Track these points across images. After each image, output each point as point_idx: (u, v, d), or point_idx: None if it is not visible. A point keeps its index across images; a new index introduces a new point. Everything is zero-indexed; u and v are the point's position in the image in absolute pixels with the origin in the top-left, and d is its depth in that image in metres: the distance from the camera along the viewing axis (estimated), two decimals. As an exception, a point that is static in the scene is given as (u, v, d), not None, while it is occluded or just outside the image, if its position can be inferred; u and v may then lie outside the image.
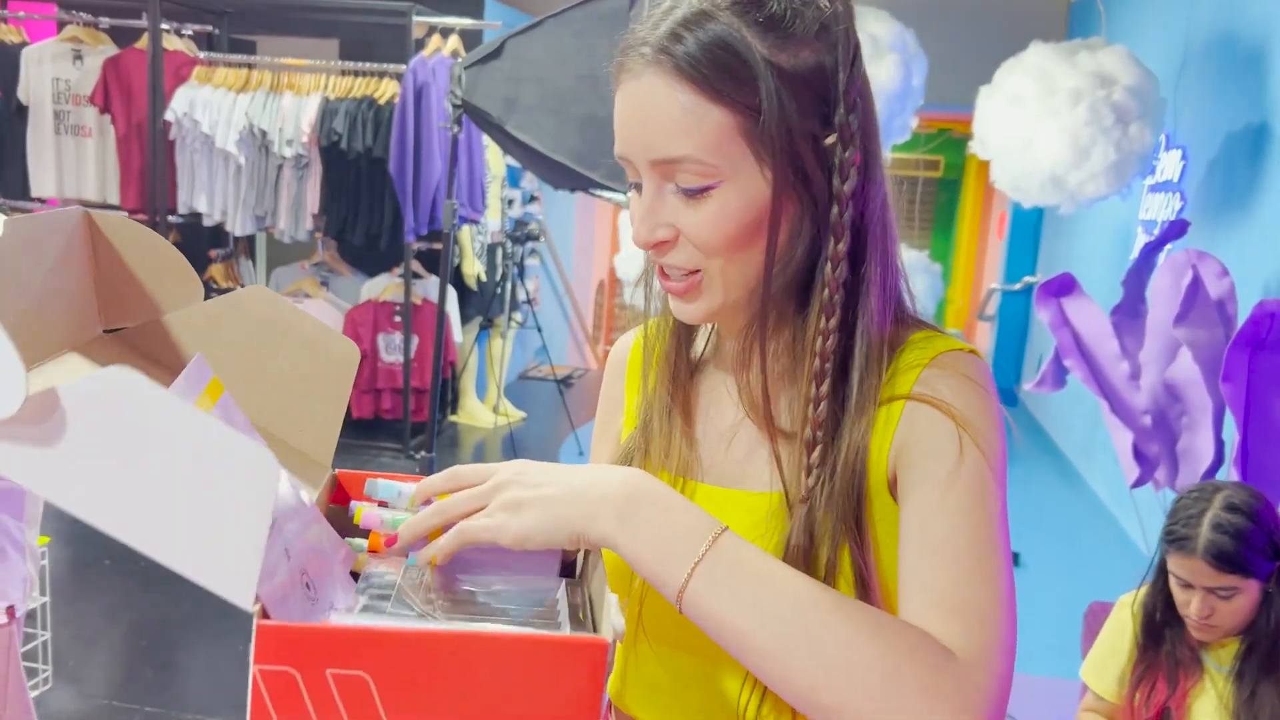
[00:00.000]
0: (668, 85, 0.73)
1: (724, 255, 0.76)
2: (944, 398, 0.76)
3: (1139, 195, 4.72)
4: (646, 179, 0.77)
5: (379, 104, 4.86)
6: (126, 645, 3.22)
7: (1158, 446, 2.86)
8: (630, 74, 0.75)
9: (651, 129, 0.74)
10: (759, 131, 0.73)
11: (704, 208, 0.75)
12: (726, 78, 0.72)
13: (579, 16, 2.69)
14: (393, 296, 5.21)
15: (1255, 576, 1.65)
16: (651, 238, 0.77)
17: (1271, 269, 3.31)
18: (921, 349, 0.80)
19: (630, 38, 0.77)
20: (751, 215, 0.75)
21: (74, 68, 5.12)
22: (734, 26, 0.73)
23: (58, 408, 0.55)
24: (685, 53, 0.73)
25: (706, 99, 0.72)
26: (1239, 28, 3.85)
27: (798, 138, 0.74)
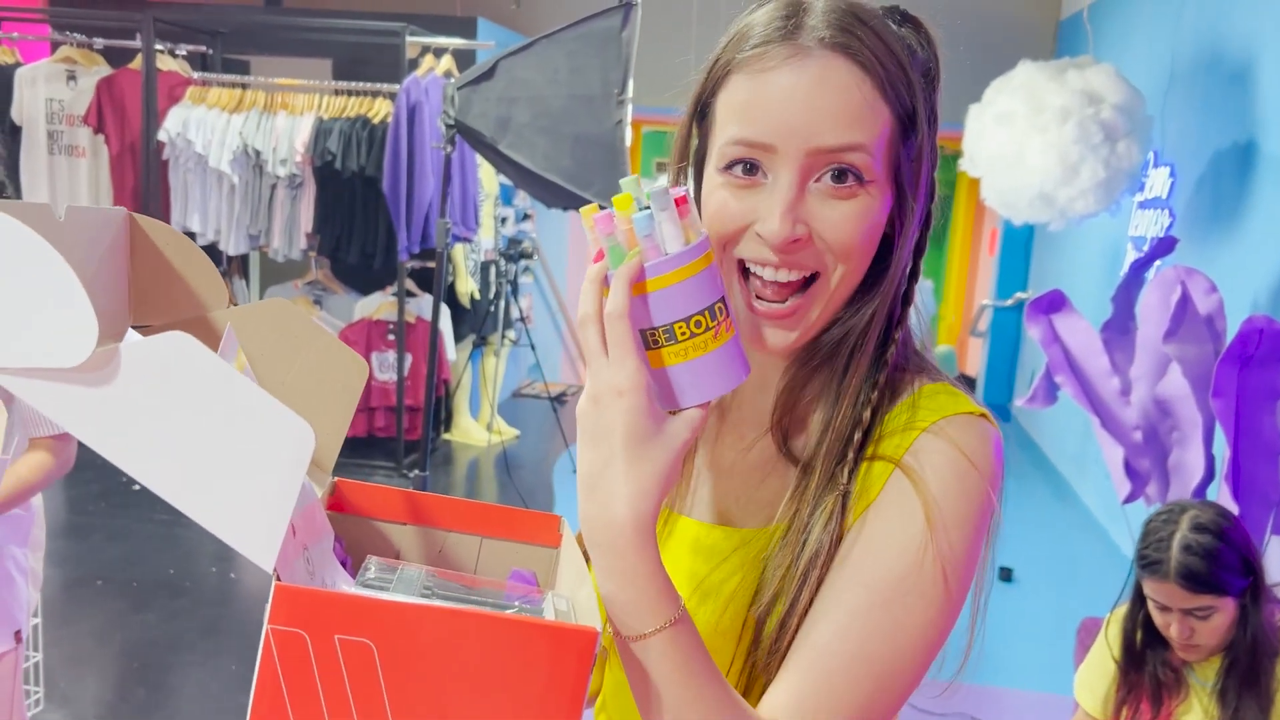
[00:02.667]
0: (850, 72, 0.71)
1: (852, 258, 0.74)
2: (927, 477, 0.73)
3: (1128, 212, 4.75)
4: (789, 171, 0.72)
5: (373, 123, 4.88)
6: (118, 666, 3.20)
7: (1149, 462, 2.87)
8: (788, 57, 0.71)
9: (824, 114, 0.71)
10: (906, 145, 0.74)
11: (847, 207, 0.72)
12: (894, 76, 0.72)
13: (571, 37, 2.71)
14: (386, 315, 5.21)
15: (1229, 594, 1.66)
16: (793, 233, 0.72)
17: (1260, 285, 3.33)
18: (925, 410, 0.77)
19: (755, 30, 0.74)
20: (878, 226, 0.74)
21: (68, 88, 5.14)
22: (898, 34, 0.74)
23: (117, 361, 0.58)
24: (865, 43, 0.71)
25: (880, 95, 0.72)
26: (1225, 45, 3.89)
27: (926, 161, 0.76)
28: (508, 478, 5.29)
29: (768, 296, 0.75)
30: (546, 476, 5.44)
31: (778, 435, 0.81)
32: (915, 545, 0.71)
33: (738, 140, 0.73)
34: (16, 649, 1.75)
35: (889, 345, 0.78)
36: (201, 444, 0.60)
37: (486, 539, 0.83)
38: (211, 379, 0.59)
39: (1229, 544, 1.68)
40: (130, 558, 3.95)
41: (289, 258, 5.14)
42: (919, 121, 0.73)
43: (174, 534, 4.22)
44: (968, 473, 0.73)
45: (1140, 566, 1.73)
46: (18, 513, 1.75)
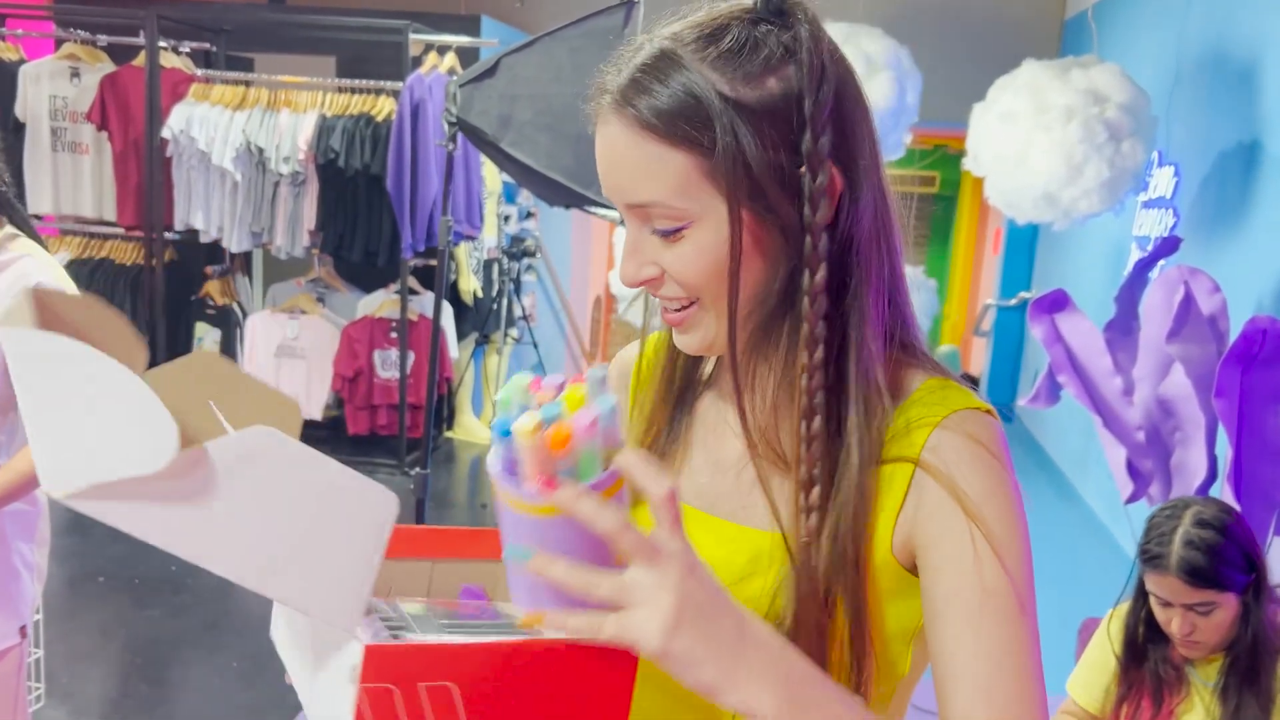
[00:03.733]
0: (629, 133, 0.73)
1: (710, 289, 0.75)
2: (955, 476, 0.74)
3: (1132, 211, 4.74)
4: (627, 220, 0.77)
5: (376, 121, 4.88)
6: (120, 662, 3.21)
7: (1151, 462, 2.87)
8: (600, 120, 0.75)
9: (620, 175, 0.74)
10: (717, 171, 0.72)
11: (680, 248, 0.74)
12: (683, 122, 0.71)
13: (574, 35, 2.71)
14: (389, 313, 5.21)
15: (1231, 590, 1.66)
16: (638, 276, 0.77)
17: (1263, 285, 3.32)
18: (932, 405, 0.77)
19: (599, 82, 0.76)
20: (724, 252, 0.74)
21: (71, 85, 5.14)
22: (692, 66, 0.72)
23: (206, 463, 0.59)
24: (644, 100, 0.72)
25: (667, 145, 0.72)
26: (1230, 45, 3.88)
27: (759, 172, 0.72)
28: (510, 476, 5.28)
29: (665, 307, 0.79)
30: (549, 475, 5.44)
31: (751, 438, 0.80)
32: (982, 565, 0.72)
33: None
34: (21, 644, 1.75)
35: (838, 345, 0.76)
36: (290, 528, 0.62)
37: (437, 562, 0.85)
38: (301, 464, 0.62)
39: (1232, 540, 1.67)
40: (132, 554, 3.95)
41: (292, 255, 5.14)
42: (721, 146, 0.71)
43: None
44: (989, 465, 0.75)
45: (1142, 561, 1.72)
46: (24, 508, 1.76)
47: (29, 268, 1.67)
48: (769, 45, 0.73)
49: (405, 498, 4.46)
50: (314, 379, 5.29)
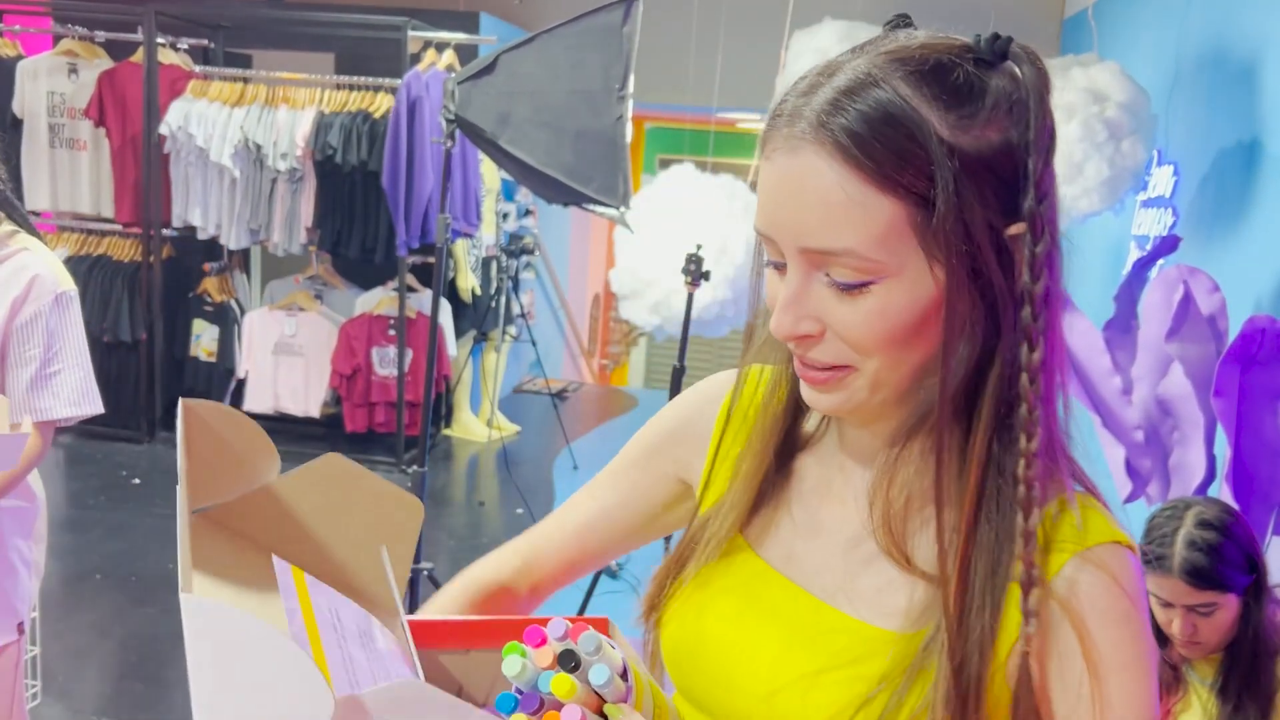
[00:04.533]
0: (830, 167, 0.63)
1: (878, 355, 0.67)
2: (1092, 629, 0.66)
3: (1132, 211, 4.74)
4: (794, 264, 0.67)
5: (374, 118, 4.87)
6: (116, 660, 3.20)
7: (1150, 462, 2.86)
8: (783, 148, 0.66)
9: (807, 215, 0.65)
10: (932, 225, 0.63)
11: (861, 304, 0.65)
12: (898, 162, 0.63)
13: (572, 32, 2.70)
14: (387, 310, 5.21)
15: (1232, 591, 1.65)
16: (795, 330, 0.67)
17: (1263, 285, 3.32)
18: (1073, 525, 0.69)
19: (782, 104, 0.67)
20: (915, 314, 0.66)
21: (69, 81, 5.13)
22: (909, 100, 0.63)
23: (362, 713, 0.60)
24: (851, 130, 0.63)
25: (874, 187, 0.63)
26: (1230, 44, 3.88)
27: (976, 231, 0.64)
28: (507, 474, 5.29)
29: (805, 360, 0.71)
30: (546, 473, 5.44)
31: (885, 536, 0.73)
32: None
33: (755, 227, 0.70)
34: (18, 641, 1.75)
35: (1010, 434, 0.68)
36: None
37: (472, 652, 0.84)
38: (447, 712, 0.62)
39: (1234, 540, 1.67)
40: (130, 552, 3.95)
41: (289, 252, 5.14)
42: (942, 199, 0.63)
43: (173, 528, 4.22)
44: (1130, 618, 0.67)
45: (1143, 562, 1.72)
46: (21, 504, 1.76)
47: (28, 260, 1.68)
48: (992, 91, 0.65)
49: (403, 496, 4.42)
50: (312, 376, 5.29)
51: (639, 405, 7.20)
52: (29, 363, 1.68)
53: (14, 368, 1.68)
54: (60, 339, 1.72)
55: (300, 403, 5.32)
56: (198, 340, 5.40)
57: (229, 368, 5.37)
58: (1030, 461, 0.67)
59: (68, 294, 1.73)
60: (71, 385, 1.73)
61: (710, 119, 5.64)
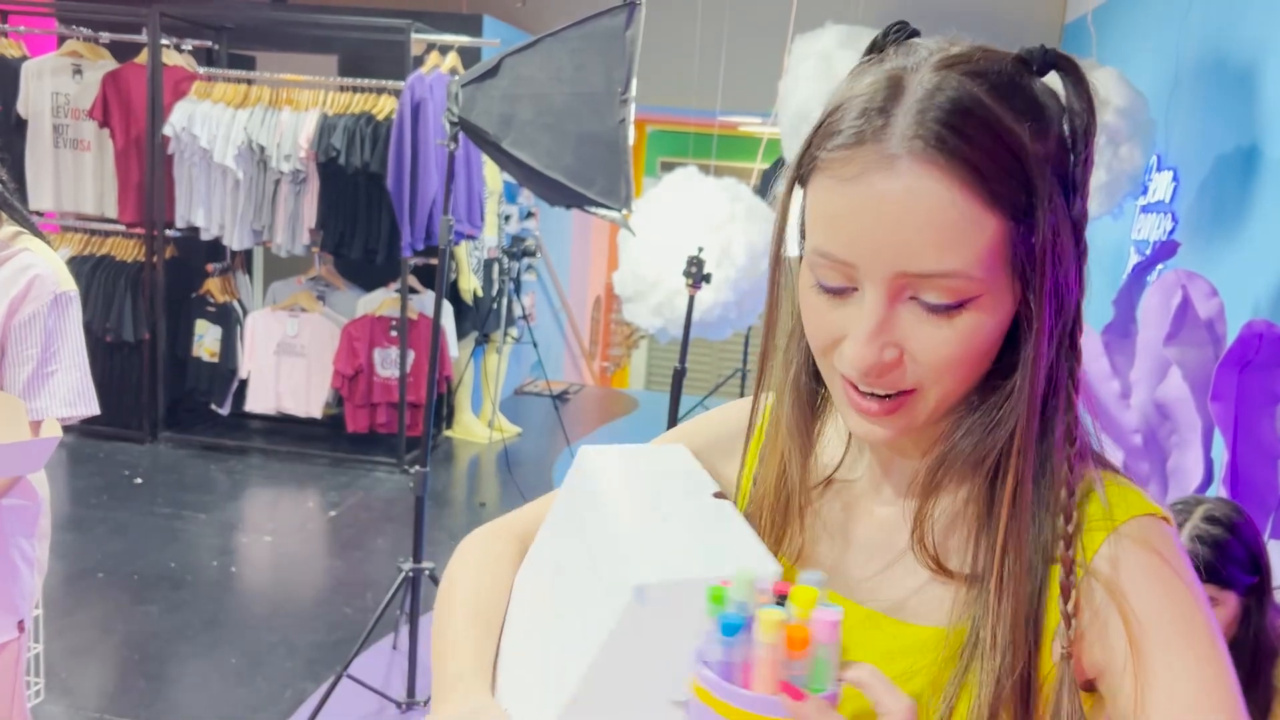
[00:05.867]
0: (941, 189, 0.61)
1: (955, 376, 0.66)
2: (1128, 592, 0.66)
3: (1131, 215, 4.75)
4: (877, 290, 0.64)
5: (377, 120, 4.89)
6: (118, 658, 3.21)
7: (1148, 465, 2.88)
8: (871, 166, 0.62)
9: (914, 236, 0.61)
10: (1030, 241, 0.62)
11: (953, 325, 0.64)
12: (1004, 177, 0.61)
13: (576, 36, 2.72)
14: (389, 311, 5.23)
15: (1233, 589, 1.66)
16: (881, 358, 0.65)
17: (1261, 289, 3.33)
18: (1108, 504, 0.69)
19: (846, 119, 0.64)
20: (996, 334, 0.65)
21: (73, 82, 5.15)
22: (1005, 118, 0.61)
23: None
24: (957, 146, 0.60)
25: (982, 204, 0.61)
26: (1229, 50, 3.89)
27: (1062, 245, 0.63)
28: (508, 475, 5.30)
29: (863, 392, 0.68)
30: (547, 474, 5.45)
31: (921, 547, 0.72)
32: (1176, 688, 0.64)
33: (822, 253, 0.65)
34: (19, 638, 1.76)
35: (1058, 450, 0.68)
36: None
37: None
38: None
39: (1239, 538, 1.68)
40: (131, 551, 3.96)
41: (292, 253, 5.15)
42: (1042, 217, 0.62)
43: (175, 527, 4.24)
44: (1176, 585, 0.66)
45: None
46: (24, 503, 1.77)
47: (29, 260, 1.69)
48: (1049, 102, 0.65)
49: (406, 495, 4.46)
50: (314, 377, 5.30)
51: (639, 407, 7.22)
52: (26, 362, 1.68)
53: (11, 367, 1.69)
54: (58, 339, 1.72)
55: (302, 403, 5.34)
56: (200, 340, 5.41)
57: (231, 368, 5.39)
58: (1073, 465, 0.67)
59: (67, 294, 1.73)
60: (68, 386, 1.73)
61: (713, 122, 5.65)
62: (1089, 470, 0.70)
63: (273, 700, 3.01)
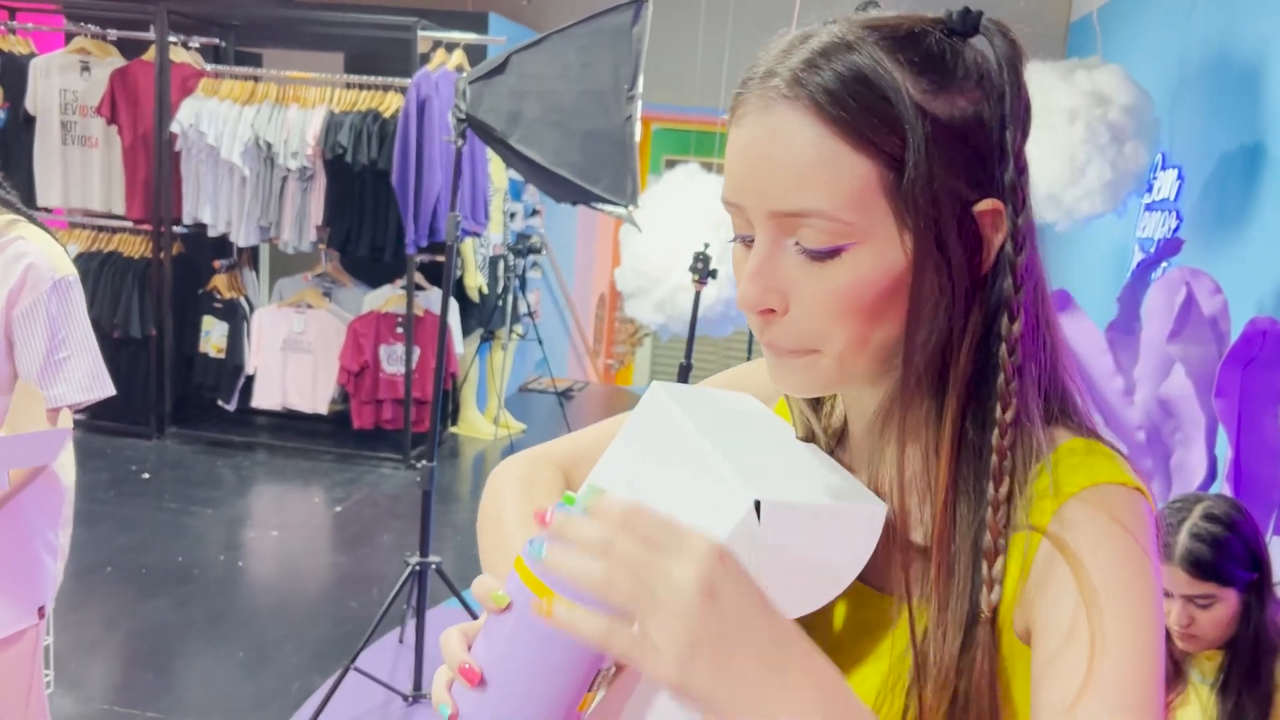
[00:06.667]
0: (803, 124, 0.63)
1: (844, 330, 0.65)
2: (1083, 555, 0.63)
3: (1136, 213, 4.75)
4: (761, 231, 0.65)
5: (384, 117, 4.91)
6: (126, 651, 3.24)
7: (1151, 462, 2.89)
8: (753, 109, 0.65)
9: (778, 175, 0.63)
10: (902, 189, 0.63)
11: (829, 272, 0.64)
12: (871, 120, 0.62)
13: (582, 33, 2.73)
14: (395, 308, 5.24)
15: (1232, 586, 1.67)
16: (760, 303, 0.66)
17: (1265, 287, 3.34)
18: (1074, 471, 0.67)
19: (752, 68, 0.67)
20: (883, 286, 0.64)
21: (81, 79, 5.17)
22: (882, 63, 0.63)
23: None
24: (826, 88, 0.62)
25: (848, 145, 0.62)
26: (1234, 48, 3.90)
27: (944, 199, 0.63)
28: (514, 471, 5.31)
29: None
30: (552, 470, 5.46)
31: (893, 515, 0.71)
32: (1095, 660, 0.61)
33: (723, 198, 0.68)
34: (38, 625, 1.78)
35: (989, 411, 0.67)
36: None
37: None
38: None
39: (1238, 536, 1.69)
40: (140, 545, 3.99)
41: (299, 250, 5.17)
42: (912, 162, 0.62)
43: (182, 522, 4.26)
44: (1132, 551, 0.64)
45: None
46: (50, 494, 1.78)
47: (23, 249, 1.67)
48: (964, 61, 0.65)
49: (411, 490, 4.46)
50: (320, 373, 5.32)
51: (644, 405, 7.22)
52: (35, 352, 1.68)
53: (22, 358, 1.69)
54: (63, 325, 1.71)
55: (308, 399, 5.36)
56: (207, 336, 5.44)
57: (238, 364, 5.41)
58: (1005, 431, 0.66)
59: (65, 280, 1.71)
60: (82, 370, 1.73)
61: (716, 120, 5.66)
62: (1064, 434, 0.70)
63: (280, 693, 3.03)
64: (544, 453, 0.91)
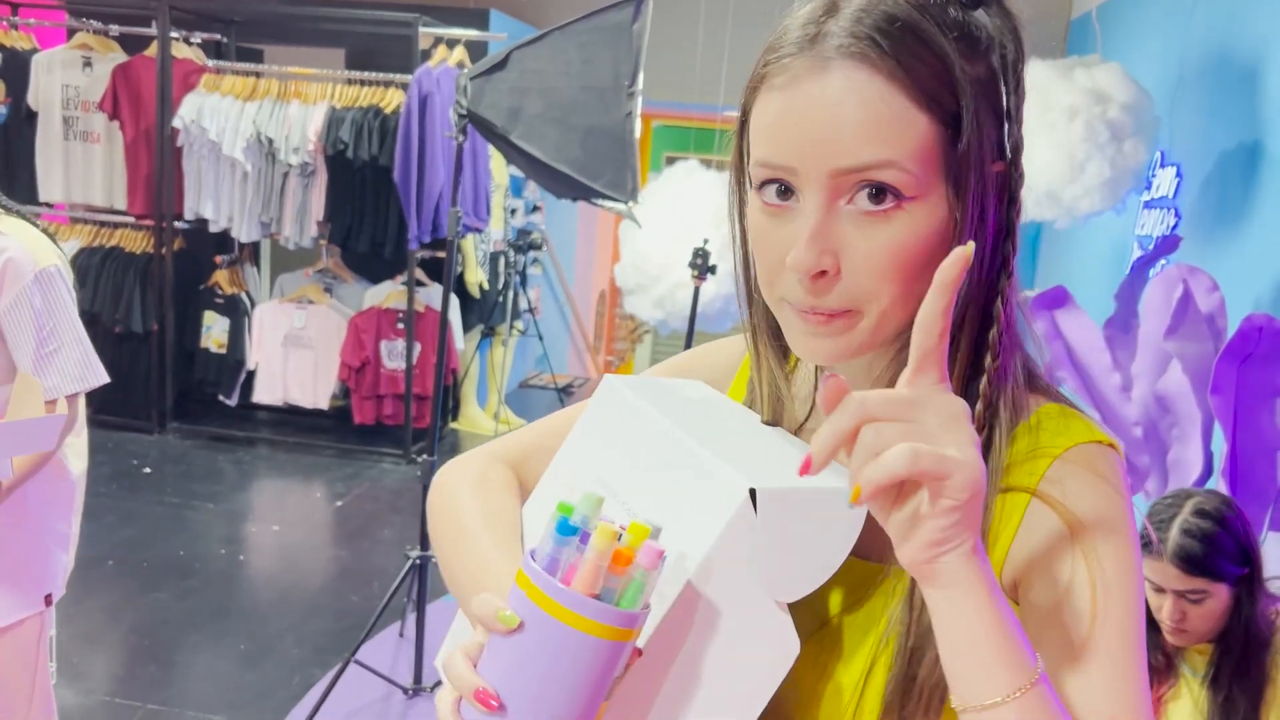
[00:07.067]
0: (869, 81, 0.64)
1: (892, 289, 0.67)
2: (1073, 508, 0.68)
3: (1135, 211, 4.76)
4: (815, 193, 0.66)
5: (385, 113, 4.92)
6: (128, 643, 3.25)
7: (1148, 458, 2.90)
8: (805, 71, 0.65)
9: (846, 131, 0.64)
10: (959, 149, 0.65)
11: (887, 229, 0.65)
12: (934, 82, 0.64)
13: (583, 29, 2.74)
14: (396, 304, 5.26)
15: (1224, 581, 1.69)
16: (818, 264, 0.66)
17: (1262, 284, 3.35)
18: (1055, 434, 0.71)
19: (788, 36, 0.67)
20: (931, 245, 0.66)
21: (83, 74, 5.18)
22: (929, 26, 0.65)
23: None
24: (889, 45, 0.64)
25: (913, 103, 0.64)
26: (1234, 47, 3.91)
27: (985, 161, 0.66)
28: (514, 467, 5.32)
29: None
30: (552, 466, 5.48)
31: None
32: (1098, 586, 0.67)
33: (762, 162, 0.68)
34: (43, 614, 1.79)
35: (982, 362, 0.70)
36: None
37: None
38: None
39: (1229, 531, 1.70)
40: (141, 539, 4.00)
41: (300, 245, 5.18)
42: (967, 122, 0.65)
43: (184, 516, 4.28)
44: (1114, 500, 0.69)
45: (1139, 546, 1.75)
46: (60, 484, 1.79)
47: (2, 243, 1.66)
48: (980, 28, 0.68)
49: (412, 485, 4.47)
50: (321, 368, 5.34)
51: (644, 401, 7.23)
52: (25, 346, 1.68)
53: (13, 353, 1.70)
54: (50, 317, 1.70)
55: (309, 395, 5.37)
56: (208, 332, 5.45)
57: (239, 359, 5.42)
58: (993, 379, 0.69)
59: (47, 271, 1.70)
60: (73, 360, 1.73)
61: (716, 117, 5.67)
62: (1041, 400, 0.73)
63: (281, 686, 3.05)
64: (492, 451, 0.91)
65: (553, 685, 0.60)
